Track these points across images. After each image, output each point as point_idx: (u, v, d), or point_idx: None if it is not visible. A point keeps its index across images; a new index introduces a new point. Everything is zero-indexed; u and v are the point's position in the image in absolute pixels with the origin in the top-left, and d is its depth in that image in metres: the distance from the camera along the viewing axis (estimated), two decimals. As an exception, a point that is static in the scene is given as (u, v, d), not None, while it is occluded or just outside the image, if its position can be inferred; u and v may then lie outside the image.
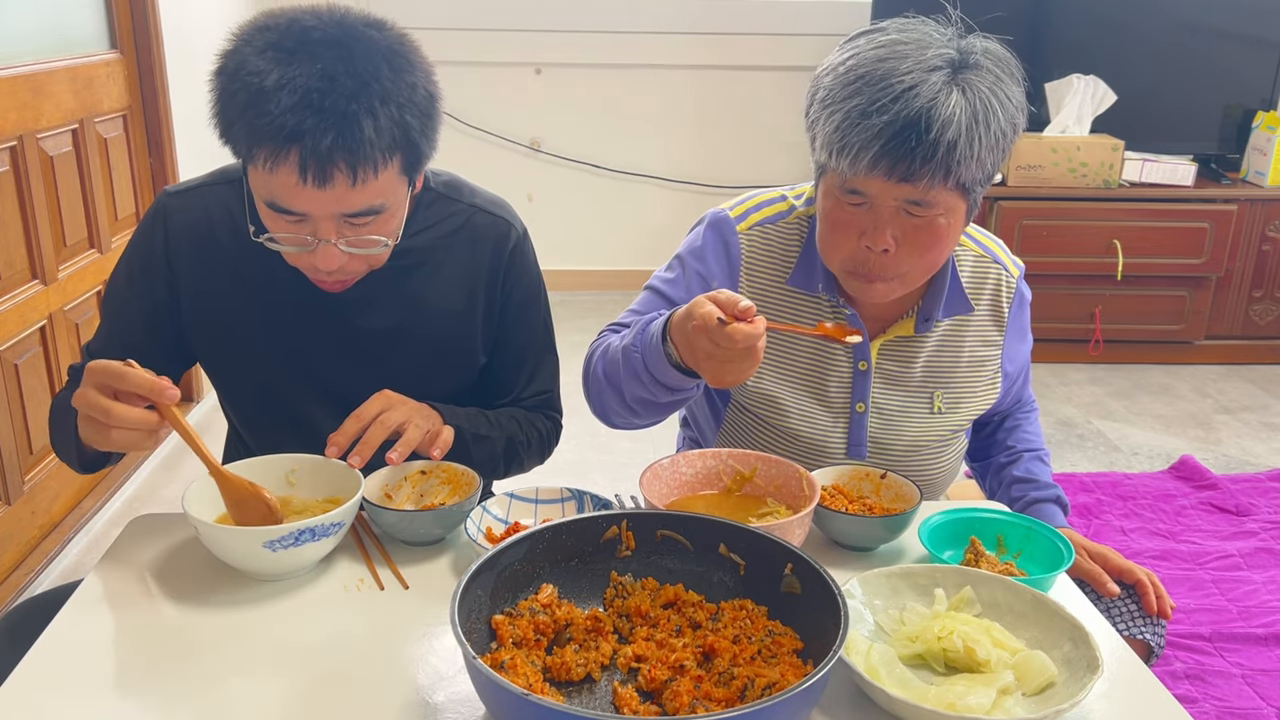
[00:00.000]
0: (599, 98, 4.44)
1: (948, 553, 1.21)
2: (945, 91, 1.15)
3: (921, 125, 1.14)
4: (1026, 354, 1.50)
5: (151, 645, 1.03)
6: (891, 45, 1.19)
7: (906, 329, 1.38)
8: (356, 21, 1.15)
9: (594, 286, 4.57)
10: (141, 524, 1.25)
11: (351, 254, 1.20)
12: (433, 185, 1.39)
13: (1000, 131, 1.19)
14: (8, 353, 2.28)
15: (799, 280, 1.38)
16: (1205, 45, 3.96)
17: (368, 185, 1.13)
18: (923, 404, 1.42)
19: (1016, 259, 1.48)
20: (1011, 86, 1.21)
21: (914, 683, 0.97)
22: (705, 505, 1.25)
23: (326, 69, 1.09)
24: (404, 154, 1.16)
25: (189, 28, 3.23)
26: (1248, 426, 3.47)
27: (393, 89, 1.12)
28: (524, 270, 1.44)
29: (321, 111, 1.08)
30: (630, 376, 1.25)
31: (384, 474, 1.25)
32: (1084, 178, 3.77)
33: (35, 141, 2.38)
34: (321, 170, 1.10)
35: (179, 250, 1.33)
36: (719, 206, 1.44)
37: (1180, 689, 2.07)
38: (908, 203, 1.21)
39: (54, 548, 2.47)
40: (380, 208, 1.17)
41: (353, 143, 1.09)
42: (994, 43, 1.23)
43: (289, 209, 1.15)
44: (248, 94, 1.09)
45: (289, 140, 1.08)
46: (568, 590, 1.04)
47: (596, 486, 1.28)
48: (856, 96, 1.17)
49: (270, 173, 1.11)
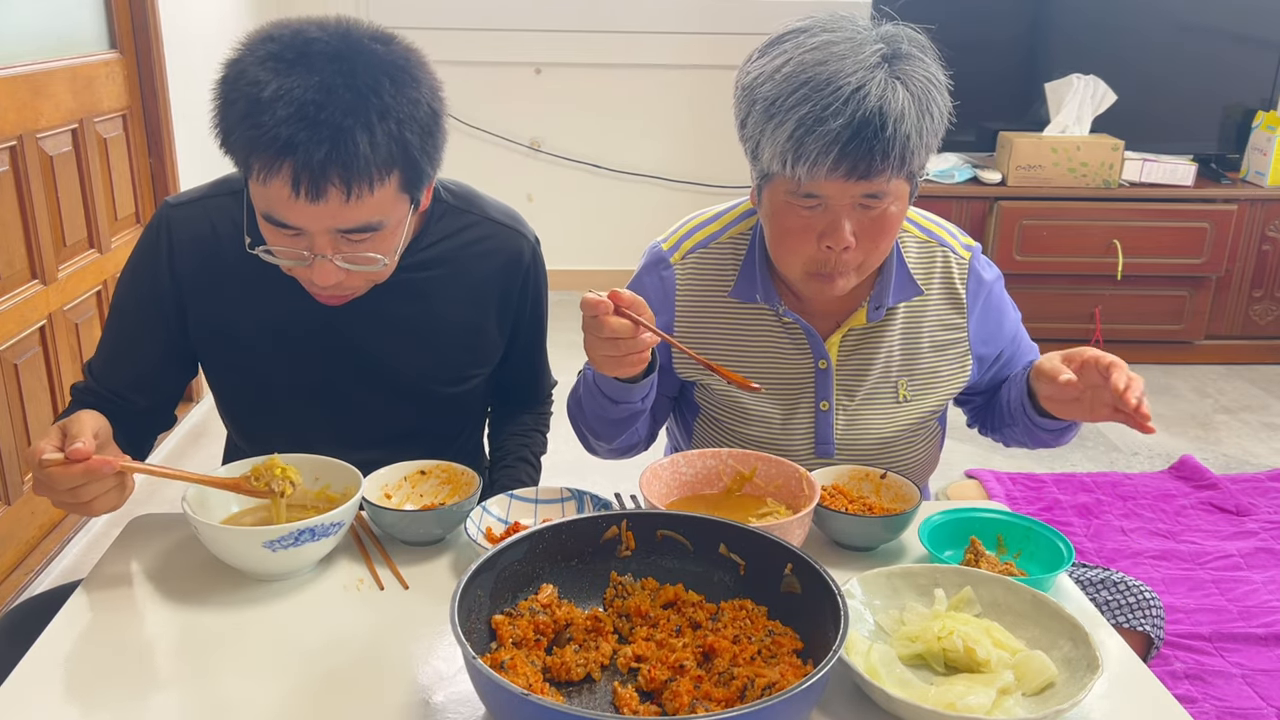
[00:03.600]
0: (599, 98, 4.44)
1: (948, 553, 1.21)
2: (890, 87, 1.16)
3: (876, 123, 1.15)
4: (1009, 329, 1.47)
5: (151, 645, 1.03)
6: (826, 46, 1.19)
7: (859, 320, 1.39)
8: (362, 35, 1.13)
9: (594, 286, 4.56)
10: (141, 524, 1.25)
11: (348, 270, 1.18)
12: (444, 197, 1.38)
13: (939, 114, 1.22)
14: (8, 353, 2.28)
15: (739, 293, 1.40)
16: (1205, 45, 3.96)
17: (363, 201, 1.11)
18: (887, 394, 1.42)
19: (968, 241, 1.47)
20: (936, 68, 1.23)
21: (914, 683, 0.97)
22: (705, 505, 1.25)
23: (325, 81, 1.07)
24: (403, 171, 1.14)
25: (189, 28, 3.23)
26: (1248, 426, 3.47)
27: (393, 104, 1.10)
28: (538, 284, 1.46)
29: (316, 124, 1.06)
30: (588, 395, 1.35)
31: (384, 474, 1.25)
32: (1084, 178, 3.77)
33: (35, 141, 2.38)
34: (315, 184, 1.08)
35: (184, 263, 1.31)
36: (657, 240, 1.47)
37: (1180, 689, 2.07)
38: (864, 197, 1.22)
39: (54, 548, 2.47)
40: (377, 224, 1.15)
41: (347, 157, 1.07)
42: (908, 28, 1.24)
43: (284, 222, 1.13)
44: (245, 103, 1.08)
45: (282, 152, 1.07)
46: (568, 590, 1.04)
47: (596, 486, 1.28)
48: (805, 103, 1.16)
49: (264, 185, 1.10)
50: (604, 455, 1.49)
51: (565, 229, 4.55)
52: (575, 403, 1.43)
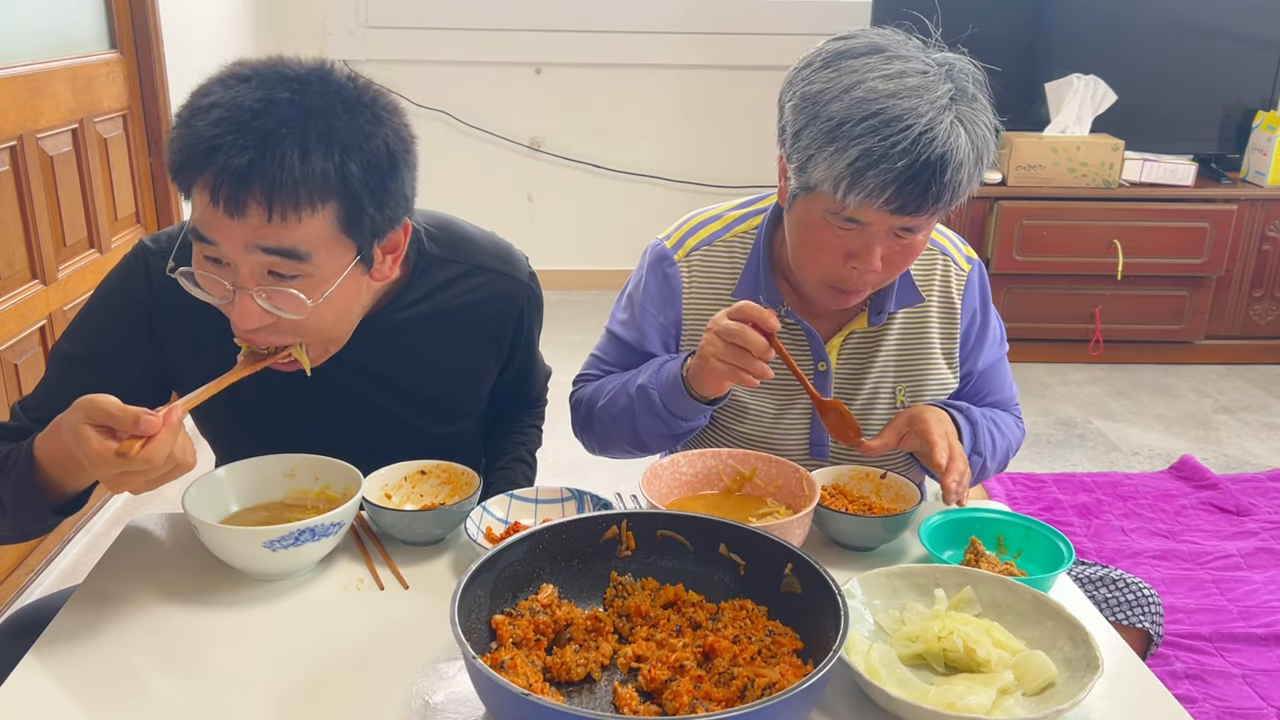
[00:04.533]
0: (599, 98, 4.44)
1: (948, 553, 1.21)
2: (954, 132, 1.16)
3: (937, 168, 1.15)
4: (984, 358, 1.47)
5: (151, 645, 1.03)
6: (900, 77, 1.17)
7: (860, 323, 1.40)
8: (337, 73, 1.08)
9: (593, 286, 4.57)
10: (141, 524, 1.25)
11: (270, 313, 1.08)
12: (428, 249, 1.30)
13: (989, 160, 1.23)
14: (7, 353, 2.28)
15: (743, 293, 1.39)
16: (1205, 45, 3.96)
17: (287, 225, 1.03)
18: (885, 399, 1.42)
19: (970, 253, 1.47)
20: (991, 112, 1.23)
21: (914, 683, 0.97)
22: (705, 505, 1.25)
23: (269, 95, 1.02)
24: (342, 205, 1.05)
25: (189, 28, 3.22)
26: (1248, 426, 3.47)
27: (340, 130, 1.04)
28: (533, 319, 1.43)
29: (244, 130, 1.00)
30: (647, 413, 1.34)
31: (384, 474, 1.25)
32: (1084, 178, 3.77)
33: (35, 141, 2.38)
34: (234, 194, 1.00)
35: (163, 305, 1.23)
36: (658, 237, 1.47)
37: (1180, 689, 2.07)
38: (901, 229, 1.23)
39: (54, 548, 2.47)
40: (304, 254, 1.06)
41: (272, 169, 1.00)
42: (968, 60, 1.24)
43: (204, 236, 1.05)
44: (187, 111, 1.04)
45: (205, 155, 1.00)
46: (568, 590, 1.04)
47: (596, 486, 1.28)
48: (872, 135, 1.15)
49: (186, 195, 1.05)
50: (619, 458, 1.49)
51: (565, 229, 4.55)
52: (610, 417, 1.40)
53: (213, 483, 1.19)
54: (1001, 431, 1.46)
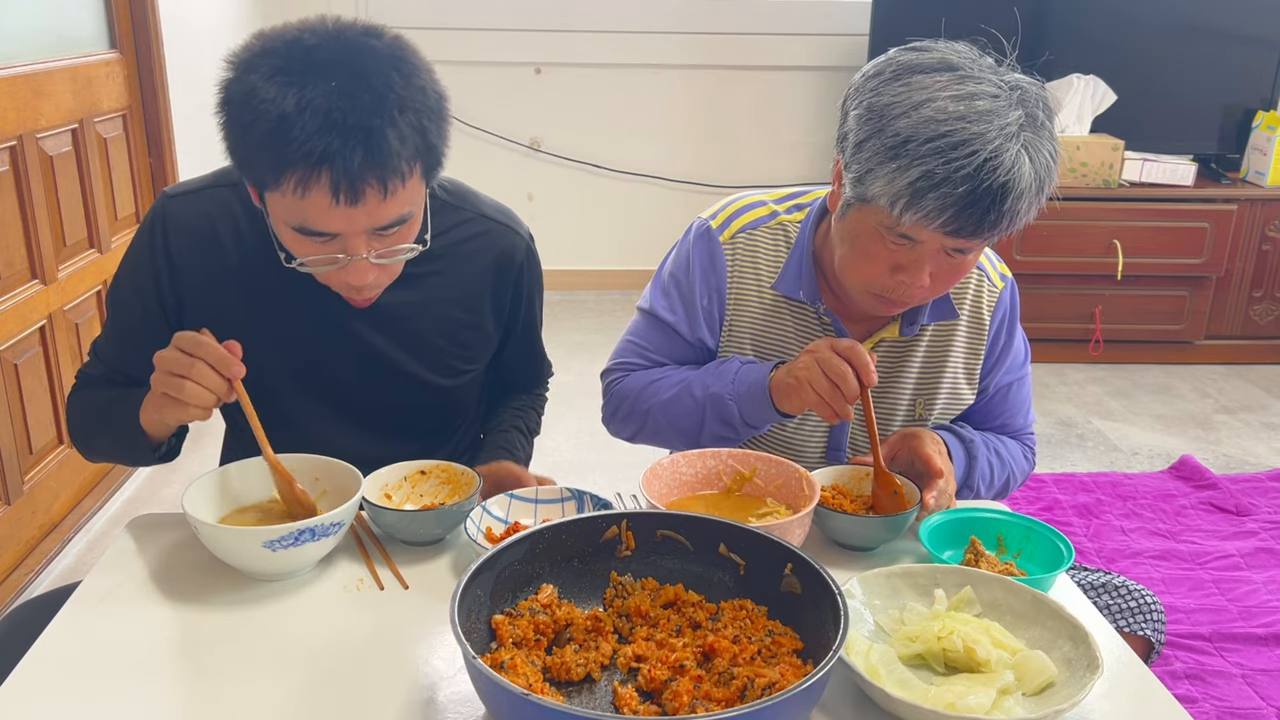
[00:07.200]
0: (599, 98, 4.44)
1: (948, 553, 1.21)
2: (1019, 161, 1.14)
3: (998, 196, 1.14)
4: (1014, 377, 1.47)
5: (151, 645, 1.03)
6: (970, 99, 1.14)
7: (892, 332, 1.39)
8: (355, 33, 1.12)
9: (593, 286, 4.57)
10: (141, 524, 1.25)
11: (381, 265, 1.19)
12: (438, 194, 1.38)
13: (1049, 190, 1.20)
14: (7, 353, 2.28)
15: (784, 286, 1.39)
16: (1205, 45, 3.96)
17: (396, 196, 1.12)
18: (905, 410, 1.42)
19: (1005, 271, 1.46)
20: (1056, 140, 1.20)
21: (914, 683, 0.97)
22: (705, 505, 1.25)
23: (342, 86, 1.06)
24: (424, 159, 1.15)
25: (189, 28, 3.23)
26: (1248, 426, 3.47)
27: (407, 96, 1.11)
28: (531, 281, 1.46)
29: (347, 130, 1.06)
30: (717, 420, 1.35)
31: (384, 474, 1.25)
32: (1084, 178, 3.77)
33: (35, 141, 2.38)
34: (354, 188, 1.08)
35: (181, 253, 1.31)
36: (701, 216, 1.45)
37: (1180, 689, 2.07)
38: (954, 250, 1.22)
39: (54, 548, 2.47)
40: (408, 216, 1.17)
41: (381, 156, 1.08)
42: (1040, 86, 1.21)
43: (321, 231, 1.13)
44: (267, 122, 1.06)
45: (319, 163, 1.06)
46: (568, 590, 1.04)
47: (596, 486, 1.28)
48: (937, 157, 1.13)
49: (301, 197, 1.09)
50: (654, 445, 1.49)
51: (565, 229, 4.55)
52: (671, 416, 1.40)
53: (213, 483, 1.19)
54: (1003, 460, 1.45)
